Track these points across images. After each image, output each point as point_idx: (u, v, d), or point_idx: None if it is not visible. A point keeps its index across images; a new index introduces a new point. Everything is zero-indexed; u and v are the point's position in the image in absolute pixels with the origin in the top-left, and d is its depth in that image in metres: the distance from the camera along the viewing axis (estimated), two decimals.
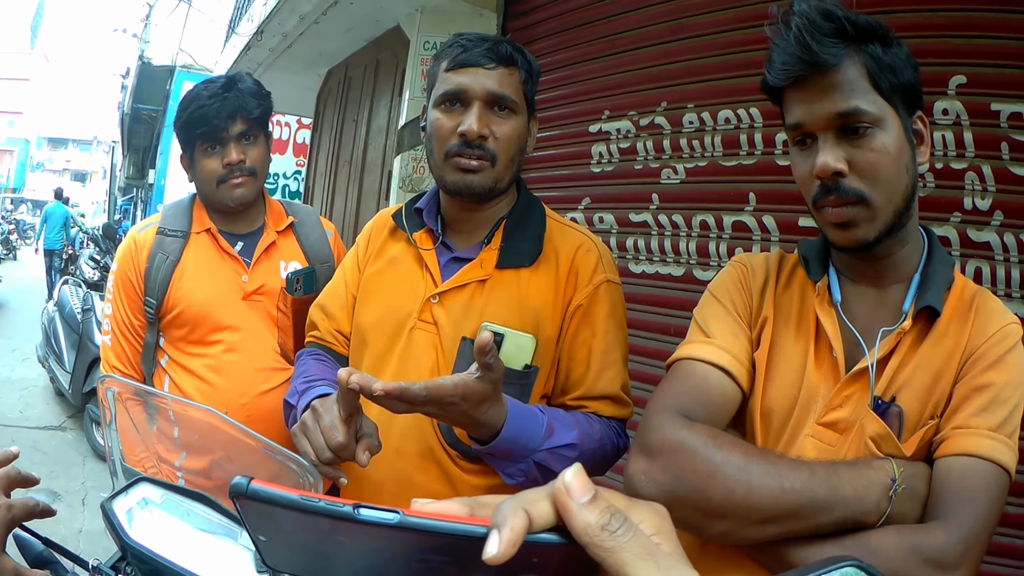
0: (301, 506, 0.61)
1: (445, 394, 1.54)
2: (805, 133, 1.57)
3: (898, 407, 1.53)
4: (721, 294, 1.79)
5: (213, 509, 1.64)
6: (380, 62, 8.11)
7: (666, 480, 1.47)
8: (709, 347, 1.69)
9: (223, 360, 2.67)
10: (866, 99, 1.50)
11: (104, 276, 14.79)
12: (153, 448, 1.93)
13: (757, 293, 1.76)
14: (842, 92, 1.50)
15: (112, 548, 1.62)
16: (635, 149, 4.63)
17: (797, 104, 1.57)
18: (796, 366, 1.65)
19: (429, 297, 2.04)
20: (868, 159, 1.50)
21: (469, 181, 1.98)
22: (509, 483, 1.85)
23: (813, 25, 1.48)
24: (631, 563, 0.57)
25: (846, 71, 1.50)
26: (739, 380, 1.66)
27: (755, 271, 1.79)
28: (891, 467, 1.44)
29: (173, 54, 21.21)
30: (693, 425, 1.52)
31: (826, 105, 1.51)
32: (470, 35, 2.04)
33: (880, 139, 1.50)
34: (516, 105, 2.01)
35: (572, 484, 0.60)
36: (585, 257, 2.05)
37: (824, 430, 1.58)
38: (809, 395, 1.61)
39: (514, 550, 0.57)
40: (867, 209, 1.52)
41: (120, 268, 2.77)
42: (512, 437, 1.73)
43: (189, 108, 2.67)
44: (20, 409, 9.29)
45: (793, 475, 1.41)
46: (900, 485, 1.42)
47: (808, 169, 1.56)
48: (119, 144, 38.29)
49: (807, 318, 1.68)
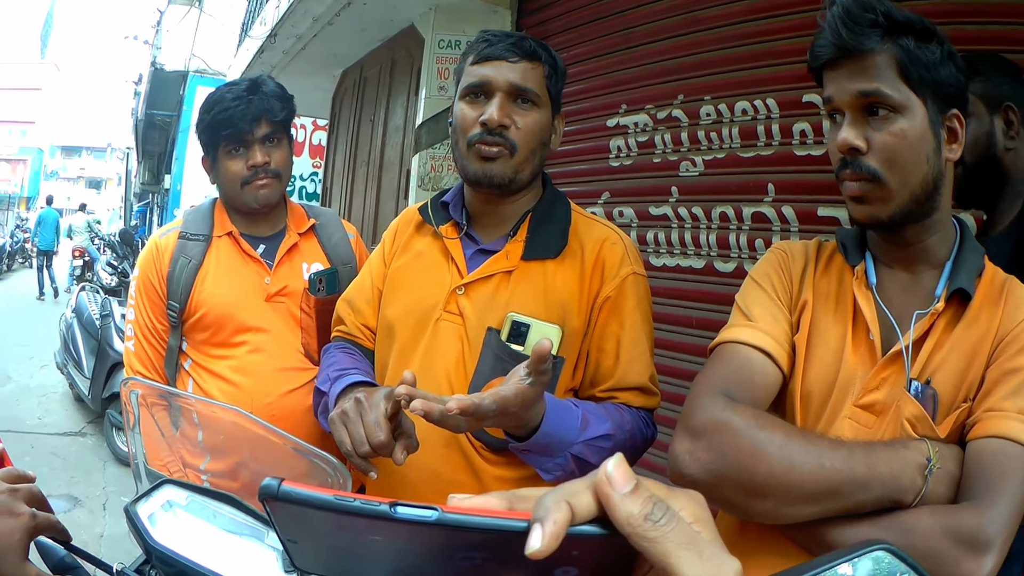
0: (335, 506, 0.59)
1: (509, 404, 1.56)
2: (835, 108, 1.62)
3: (933, 389, 1.55)
4: (762, 279, 1.81)
5: (239, 510, 1.63)
6: (395, 61, 8.13)
7: (711, 459, 1.51)
8: (751, 330, 1.72)
9: (247, 361, 2.67)
10: (890, 85, 1.55)
11: (122, 282, 14.91)
12: (177, 451, 1.92)
13: (797, 277, 1.78)
14: (868, 75, 1.56)
15: (135, 552, 1.61)
16: (653, 142, 4.64)
17: (830, 82, 1.63)
18: (834, 349, 1.67)
19: (455, 288, 2.05)
20: (885, 141, 1.56)
21: (488, 169, 2.00)
22: (547, 479, 1.86)
23: (849, 14, 1.55)
24: (675, 552, 0.56)
25: (875, 57, 1.55)
26: (780, 362, 1.69)
27: (795, 257, 1.82)
28: (926, 447, 1.47)
29: (186, 59, 21.33)
30: (736, 405, 1.55)
31: (852, 84, 1.57)
32: (496, 32, 2.07)
33: (899, 124, 1.55)
34: (538, 98, 2.03)
35: (614, 474, 0.59)
36: (611, 250, 2.06)
37: (861, 412, 1.61)
38: (847, 377, 1.64)
39: (557, 544, 0.55)
40: (880, 188, 1.57)
41: (142, 273, 2.78)
42: (550, 432, 1.75)
43: (213, 110, 2.68)
44: (39, 416, 9.35)
45: (833, 454, 1.44)
46: (935, 465, 1.44)
47: (836, 146, 1.61)
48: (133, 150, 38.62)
49: (845, 302, 1.70)
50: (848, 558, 0.65)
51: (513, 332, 1.94)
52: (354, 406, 1.74)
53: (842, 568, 0.65)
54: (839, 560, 0.65)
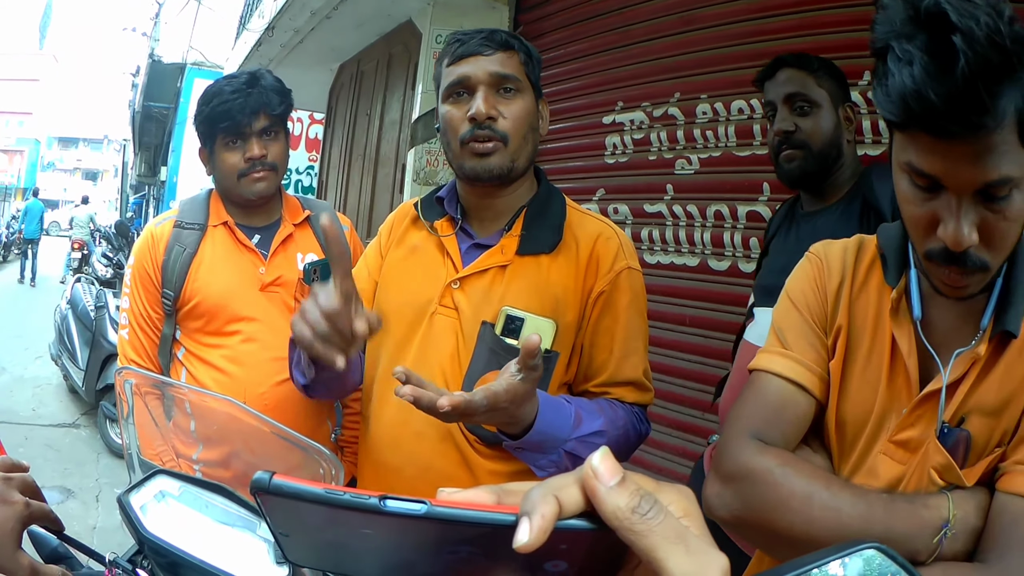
0: (325, 500, 0.59)
1: (500, 400, 1.57)
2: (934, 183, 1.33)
3: (965, 431, 1.45)
4: (798, 299, 1.71)
5: (231, 501, 1.64)
6: (392, 56, 8.13)
7: (737, 507, 1.51)
8: (784, 360, 1.65)
9: (240, 350, 2.68)
10: (1015, 161, 1.26)
11: (117, 273, 14.89)
12: (170, 441, 1.92)
13: (832, 297, 1.66)
14: (995, 158, 1.25)
15: (127, 544, 1.61)
16: (649, 140, 4.65)
17: (933, 154, 1.30)
18: (871, 380, 1.58)
19: (450, 282, 2.05)
20: (1000, 229, 1.31)
21: (486, 164, 1.99)
22: (540, 475, 1.86)
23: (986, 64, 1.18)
24: (661, 546, 0.56)
25: (1005, 130, 1.23)
26: (814, 392, 1.62)
27: (831, 270, 1.68)
28: (947, 508, 1.39)
29: (184, 52, 21.25)
30: (765, 451, 1.53)
31: (976, 172, 1.27)
32: (466, 31, 2.07)
33: (1017, 204, 1.30)
34: (520, 83, 2.03)
35: (600, 467, 0.59)
36: (606, 245, 2.06)
37: (896, 448, 1.53)
38: (882, 411, 1.55)
39: (545, 537, 0.55)
40: (985, 273, 1.37)
41: (137, 261, 2.78)
42: (543, 429, 1.75)
43: (211, 103, 2.69)
44: (33, 407, 9.34)
45: (852, 510, 1.41)
46: (951, 529, 1.38)
47: (925, 220, 1.36)
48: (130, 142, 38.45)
49: (883, 328, 1.58)
50: (838, 556, 0.65)
51: (507, 326, 1.94)
52: (309, 297, 1.63)
53: (832, 566, 0.64)
54: (829, 558, 0.64)
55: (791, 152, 2.64)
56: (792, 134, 2.63)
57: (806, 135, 2.61)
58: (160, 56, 22.57)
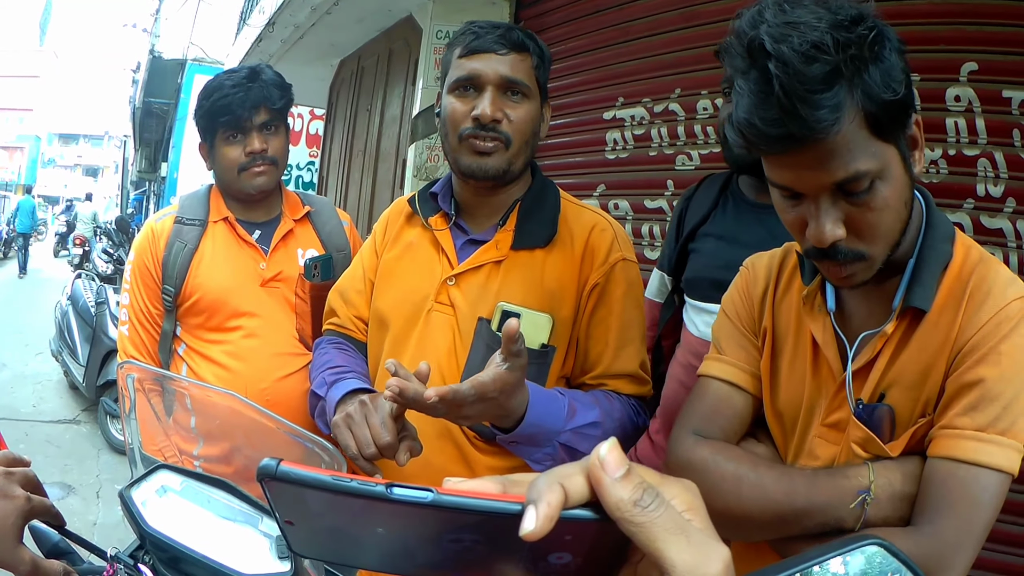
0: (333, 486, 0.59)
1: (487, 390, 1.58)
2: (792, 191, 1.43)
3: (887, 406, 1.53)
4: (728, 308, 1.85)
5: (233, 495, 1.64)
6: (393, 52, 8.12)
7: None
8: (719, 363, 1.80)
9: (242, 346, 2.69)
10: (867, 154, 1.33)
11: (117, 269, 14.87)
12: (172, 436, 1.92)
13: (758, 302, 1.80)
14: (840, 158, 1.32)
15: (127, 540, 1.61)
16: (649, 136, 4.63)
17: (780, 168, 1.41)
18: (798, 372, 1.69)
19: (445, 279, 2.05)
20: (868, 219, 1.39)
21: (483, 163, 2.00)
22: (536, 469, 1.86)
23: (799, 79, 1.26)
24: (662, 538, 0.57)
25: (845, 131, 1.30)
26: (749, 389, 1.76)
27: (757, 278, 1.82)
28: (867, 475, 1.48)
29: (184, 48, 21.23)
30: (701, 443, 1.67)
31: (821, 175, 1.35)
32: (483, 23, 2.06)
33: (881, 193, 1.37)
34: (529, 90, 2.03)
35: (607, 459, 0.59)
36: (600, 236, 2.07)
37: (828, 430, 1.62)
38: (811, 399, 1.66)
39: (551, 526, 0.56)
40: (865, 262, 1.44)
41: (138, 257, 2.79)
42: (536, 421, 1.75)
43: (212, 97, 2.70)
44: (34, 403, 9.33)
45: (776, 486, 1.53)
46: (871, 496, 1.46)
47: (797, 224, 1.46)
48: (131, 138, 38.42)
49: (804, 324, 1.68)
50: (839, 552, 0.65)
51: (503, 322, 1.93)
52: (359, 408, 1.74)
53: (833, 563, 0.65)
54: (831, 555, 0.65)
55: None
56: None
57: None
58: (160, 52, 22.56)
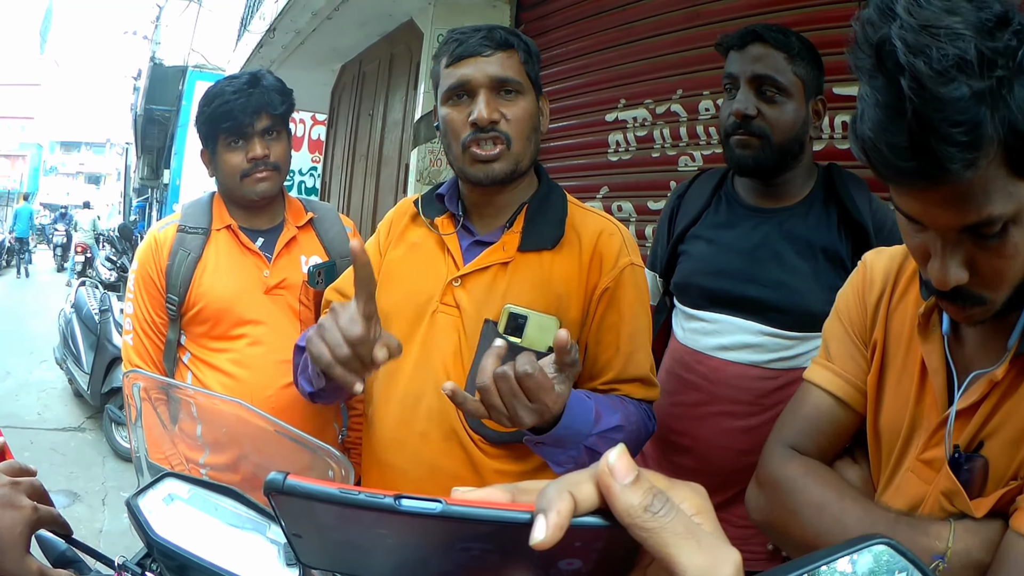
0: (340, 500, 0.59)
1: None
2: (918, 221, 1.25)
3: (982, 458, 1.36)
4: (842, 311, 1.68)
5: (241, 503, 1.63)
6: (394, 56, 8.14)
7: (766, 511, 1.61)
8: (826, 372, 1.67)
9: (247, 354, 2.69)
10: (1003, 196, 1.13)
11: (121, 277, 14.91)
12: (178, 444, 1.92)
13: (871, 310, 1.61)
14: (974, 200, 1.13)
15: (134, 548, 1.61)
16: (652, 137, 4.65)
17: (907, 197, 1.22)
18: (903, 395, 1.53)
19: (451, 280, 2.04)
20: (995, 265, 1.21)
21: (489, 171, 1.99)
22: (557, 471, 1.86)
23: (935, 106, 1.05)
24: (673, 543, 0.57)
25: (982, 171, 1.10)
26: (854, 406, 1.63)
27: (874, 281, 1.62)
28: (946, 539, 1.34)
29: (185, 54, 21.28)
30: (792, 460, 1.60)
31: (949, 216, 1.17)
32: (464, 28, 2.06)
33: (1013, 239, 1.18)
34: (521, 85, 2.02)
35: (616, 465, 0.60)
36: (608, 241, 2.05)
37: (923, 467, 1.47)
38: (911, 428, 1.51)
39: (561, 534, 0.56)
40: (986, 307, 1.27)
41: (141, 266, 2.79)
42: (568, 424, 1.73)
43: (213, 103, 2.70)
44: (39, 411, 9.35)
45: (857, 525, 1.42)
46: (944, 563, 1.33)
47: (920, 251, 1.29)
48: (132, 146, 38.50)
49: (916, 342, 1.50)
50: (847, 552, 0.65)
51: (510, 324, 1.93)
52: (328, 316, 1.64)
53: (841, 563, 0.65)
54: (839, 554, 0.65)
55: (747, 139, 2.34)
56: (752, 119, 2.32)
57: (768, 124, 2.31)
58: (161, 59, 22.62)
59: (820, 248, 2.31)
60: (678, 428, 2.48)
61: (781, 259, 2.34)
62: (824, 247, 2.30)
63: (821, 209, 2.39)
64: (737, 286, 2.37)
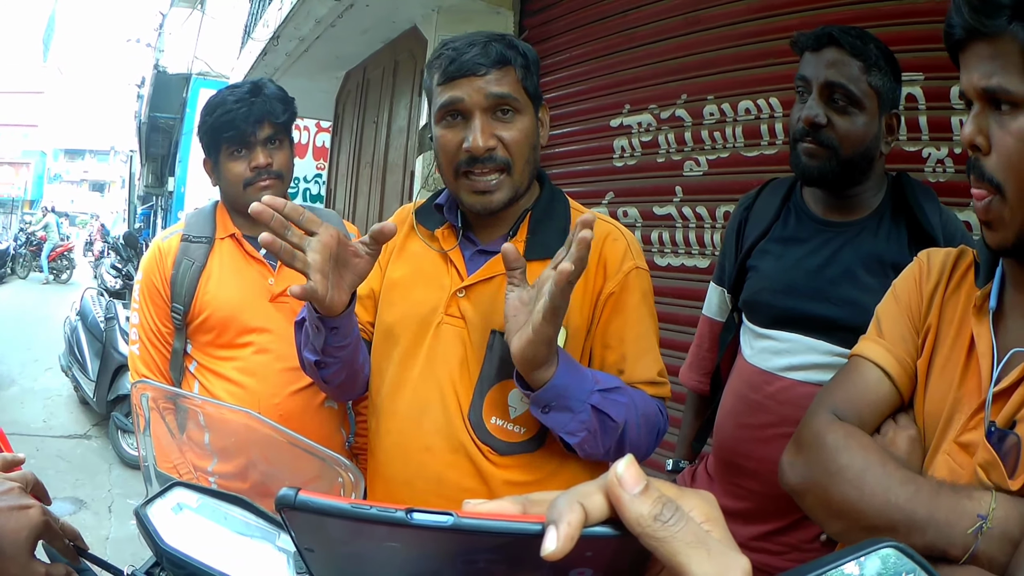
0: (352, 514, 0.60)
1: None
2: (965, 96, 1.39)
3: (1016, 436, 1.37)
4: (900, 294, 1.71)
5: (250, 512, 1.63)
6: (398, 63, 8.14)
7: (804, 473, 1.57)
8: (876, 346, 1.67)
9: (253, 362, 2.69)
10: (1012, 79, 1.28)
11: (126, 284, 14.96)
12: (187, 453, 1.92)
13: (927, 297, 1.65)
14: (990, 65, 1.31)
15: (140, 555, 1.61)
16: (657, 142, 4.64)
17: (962, 67, 1.39)
18: (947, 380, 1.56)
19: (455, 291, 2.02)
20: (1005, 143, 1.32)
21: (487, 202, 1.96)
22: (572, 441, 1.84)
23: None
24: (683, 551, 0.57)
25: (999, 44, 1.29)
26: (898, 383, 1.62)
27: (930, 271, 1.67)
28: (988, 502, 1.34)
29: (188, 62, 21.34)
30: (835, 424, 1.57)
31: (972, 76, 1.34)
32: (456, 42, 1.98)
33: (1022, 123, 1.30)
34: (518, 103, 1.95)
35: (625, 475, 0.60)
36: (613, 246, 2.03)
37: (958, 450, 1.47)
38: (952, 412, 1.52)
39: (572, 545, 0.56)
40: (1001, 202, 1.34)
41: (145, 276, 2.80)
42: (565, 378, 1.74)
43: (215, 112, 2.71)
44: (44, 419, 9.38)
45: (900, 489, 1.40)
46: (988, 524, 1.31)
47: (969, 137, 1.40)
48: (137, 153, 38.56)
49: (966, 329, 1.54)
50: (854, 556, 0.65)
51: None
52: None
53: (848, 566, 0.64)
54: (845, 559, 0.64)
55: (814, 148, 2.26)
56: (822, 128, 2.24)
57: (838, 136, 2.23)
58: (165, 67, 22.72)
59: (891, 264, 2.20)
60: (743, 451, 2.40)
61: (853, 276, 2.27)
62: (894, 263, 2.16)
63: (891, 222, 2.31)
64: (807, 304, 2.31)
